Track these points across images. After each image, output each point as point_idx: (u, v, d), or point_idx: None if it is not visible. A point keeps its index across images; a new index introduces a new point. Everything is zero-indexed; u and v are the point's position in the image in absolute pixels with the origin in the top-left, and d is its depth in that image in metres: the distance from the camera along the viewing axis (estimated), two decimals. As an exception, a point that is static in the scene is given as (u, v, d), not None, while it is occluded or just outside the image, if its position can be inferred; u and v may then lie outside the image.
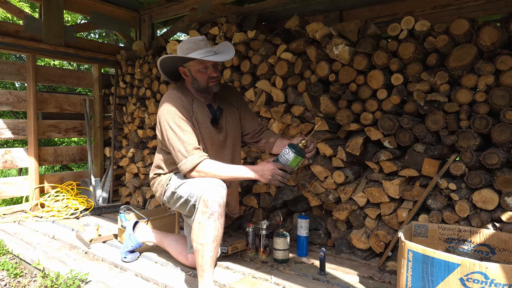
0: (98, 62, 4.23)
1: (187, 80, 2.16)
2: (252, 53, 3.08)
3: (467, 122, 2.14)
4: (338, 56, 2.51)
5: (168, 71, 2.18)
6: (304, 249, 2.51)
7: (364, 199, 2.44)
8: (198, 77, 2.08)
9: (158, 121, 2.08)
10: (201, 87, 2.10)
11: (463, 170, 2.12)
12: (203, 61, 2.04)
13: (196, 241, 1.87)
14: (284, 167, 1.91)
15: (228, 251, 2.48)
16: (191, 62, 2.07)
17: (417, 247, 1.62)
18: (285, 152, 1.92)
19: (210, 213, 1.82)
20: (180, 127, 1.97)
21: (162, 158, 2.18)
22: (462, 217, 2.12)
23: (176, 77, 2.23)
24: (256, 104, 3.01)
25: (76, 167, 6.49)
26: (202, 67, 2.05)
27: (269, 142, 2.30)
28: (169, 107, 2.01)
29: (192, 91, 2.17)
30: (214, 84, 2.10)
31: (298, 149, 1.94)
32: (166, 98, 2.07)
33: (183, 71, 2.14)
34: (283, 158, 1.93)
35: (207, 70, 2.07)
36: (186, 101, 2.08)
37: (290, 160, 1.92)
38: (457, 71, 2.13)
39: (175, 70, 2.17)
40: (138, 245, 2.38)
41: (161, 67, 2.12)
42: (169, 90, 2.16)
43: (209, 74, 2.07)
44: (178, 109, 2.01)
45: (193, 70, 2.08)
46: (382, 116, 2.39)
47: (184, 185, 1.99)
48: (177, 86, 2.19)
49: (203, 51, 2.02)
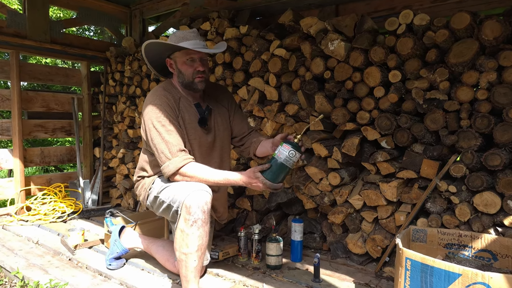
0: (86, 59, 4.14)
1: (174, 75, 2.07)
2: (245, 49, 3.00)
3: (468, 121, 2.07)
4: (334, 52, 2.43)
5: (155, 63, 2.08)
6: (298, 254, 2.44)
7: (360, 202, 2.36)
8: (184, 69, 1.99)
9: (142, 120, 1.99)
10: (186, 81, 2.00)
11: (463, 172, 2.05)
12: (190, 52, 1.95)
13: (179, 250, 1.79)
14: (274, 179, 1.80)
15: (219, 256, 2.41)
16: (178, 53, 1.98)
17: (415, 255, 1.55)
18: (291, 154, 1.77)
19: (193, 220, 1.74)
20: (164, 127, 1.88)
21: (147, 159, 2.09)
22: (463, 221, 2.05)
23: (164, 70, 2.13)
24: (249, 102, 2.93)
25: (68, 168, 6.42)
26: (188, 58, 1.96)
27: (253, 143, 2.19)
28: (153, 105, 1.92)
29: (179, 89, 2.08)
30: (200, 80, 2.00)
31: (295, 144, 1.81)
32: (151, 96, 1.99)
33: (169, 63, 2.05)
34: (290, 161, 1.78)
35: (193, 63, 1.98)
36: (172, 99, 1.99)
37: (295, 161, 1.80)
38: (458, 67, 2.05)
39: (162, 62, 2.07)
40: (124, 251, 2.30)
41: (148, 59, 2.03)
42: (155, 87, 2.07)
43: (195, 68, 1.97)
44: (163, 107, 1.92)
45: (179, 62, 1.99)
46: (379, 115, 2.31)
47: (167, 189, 1.91)
48: (164, 83, 2.10)
49: (191, 42, 1.93)
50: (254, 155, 2.22)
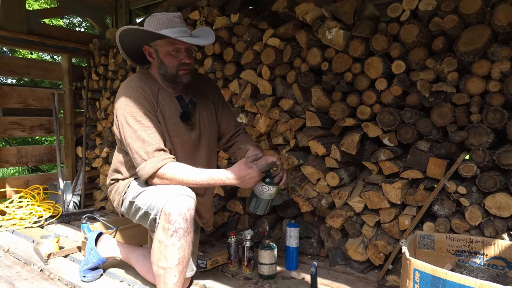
0: (67, 51, 3.99)
1: (154, 64, 1.89)
2: (236, 40, 2.85)
3: (478, 116, 1.94)
4: (332, 41, 2.29)
5: (130, 49, 1.88)
6: (294, 261, 2.30)
7: (361, 204, 2.23)
8: (167, 61, 1.81)
9: (115, 115, 1.81)
10: (168, 73, 1.83)
11: (474, 171, 1.93)
12: (175, 42, 1.76)
13: (156, 264, 1.63)
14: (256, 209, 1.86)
15: (207, 265, 2.27)
16: (160, 41, 1.79)
17: (425, 266, 1.42)
18: (265, 189, 1.79)
19: (174, 230, 1.57)
20: (140, 123, 1.71)
21: (121, 160, 1.92)
22: (473, 226, 1.93)
23: (141, 58, 1.94)
24: (240, 97, 2.79)
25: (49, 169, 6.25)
26: (173, 49, 1.78)
27: (241, 150, 2.03)
28: (127, 98, 1.74)
29: (158, 79, 1.90)
30: (185, 73, 1.83)
31: (268, 175, 1.79)
32: (124, 87, 1.80)
33: (148, 51, 1.85)
34: (265, 195, 1.81)
35: (178, 54, 1.80)
36: (149, 91, 1.81)
37: (274, 193, 1.83)
38: (468, 56, 1.92)
39: (139, 49, 1.87)
40: (101, 261, 2.15)
41: (121, 43, 1.83)
42: (129, 77, 1.88)
43: (180, 59, 1.80)
44: (138, 100, 1.74)
45: (162, 52, 1.80)
46: (382, 110, 2.18)
47: (144, 193, 1.75)
48: (140, 72, 1.92)
49: (177, 30, 1.74)
50: None
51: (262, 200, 1.83)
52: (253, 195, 1.85)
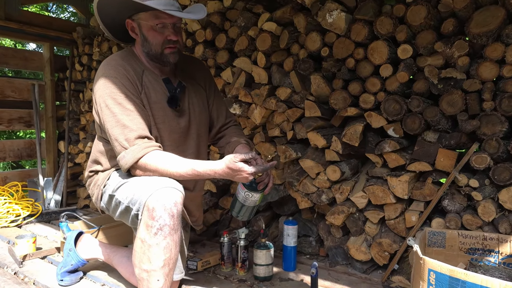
0: (49, 40, 3.84)
1: (137, 41, 1.73)
2: (229, 25, 2.73)
3: (492, 103, 1.85)
4: (333, 25, 2.18)
5: (112, 24, 1.72)
6: (292, 261, 2.19)
7: (364, 199, 2.12)
8: (151, 37, 1.65)
9: (93, 98, 1.65)
10: (152, 52, 1.67)
11: (487, 163, 1.83)
12: (161, 15, 1.60)
13: (138, 266, 1.48)
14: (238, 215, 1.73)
15: (198, 267, 2.14)
16: (144, 14, 1.63)
17: (441, 266, 1.31)
18: (248, 196, 1.65)
19: (158, 228, 1.42)
20: (121, 105, 1.55)
21: (102, 149, 1.77)
22: (487, 221, 1.83)
23: (125, 35, 1.77)
24: (234, 86, 2.66)
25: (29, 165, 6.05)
26: (158, 23, 1.61)
27: (230, 145, 1.89)
28: (107, 78, 1.58)
29: (143, 59, 1.74)
30: (171, 52, 1.67)
31: (251, 182, 1.65)
32: (104, 67, 1.64)
33: (131, 26, 1.69)
34: (248, 201, 1.68)
35: (164, 30, 1.63)
36: (132, 71, 1.65)
37: (258, 199, 1.69)
38: (481, 38, 1.82)
39: (121, 24, 1.71)
40: (80, 263, 2.00)
41: (102, 17, 1.66)
42: (110, 56, 1.72)
43: (166, 36, 1.64)
44: (120, 80, 1.58)
45: (145, 26, 1.64)
46: (387, 98, 2.07)
47: (125, 186, 1.59)
48: (122, 50, 1.76)
49: (163, 2, 1.57)
50: None
51: (245, 207, 1.69)
52: (235, 200, 1.72)
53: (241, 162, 1.47)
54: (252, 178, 1.53)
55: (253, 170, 1.48)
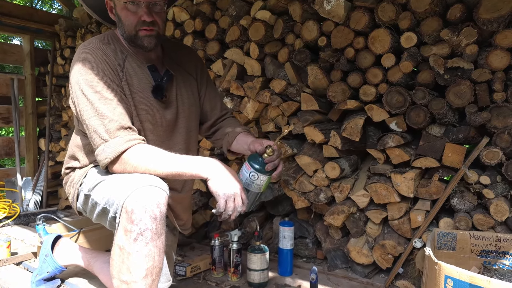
0: (30, 32, 3.64)
1: (118, 25, 1.54)
2: (220, 15, 2.56)
3: (503, 94, 1.73)
4: (330, 13, 2.03)
5: (96, 6, 1.58)
6: (288, 265, 2.03)
7: (366, 198, 1.97)
8: (124, 17, 1.46)
9: (70, 85, 1.46)
10: (126, 34, 1.48)
11: (499, 158, 1.69)
12: None
13: (117, 277, 1.28)
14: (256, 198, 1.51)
15: (187, 272, 1.97)
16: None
17: (460, 273, 1.16)
18: (253, 177, 1.45)
19: (138, 233, 1.22)
20: (99, 93, 1.37)
21: (79, 143, 1.58)
22: (500, 221, 1.70)
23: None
24: (225, 79, 2.50)
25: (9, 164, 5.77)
26: (128, 0, 1.43)
27: (227, 135, 1.71)
28: (84, 63, 1.40)
29: (125, 44, 1.55)
30: (146, 35, 1.47)
31: (260, 163, 1.46)
32: (82, 50, 1.45)
33: (110, 6, 1.53)
34: (253, 185, 1.47)
35: (138, 9, 1.44)
36: (113, 55, 1.47)
37: (264, 185, 1.48)
38: (492, 24, 1.69)
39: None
40: (58, 270, 1.81)
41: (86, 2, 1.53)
42: (89, 39, 1.53)
43: (139, 16, 1.45)
44: (97, 65, 1.40)
45: (118, 5, 1.46)
46: (389, 90, 1.93)
47: (102, 185, 1.40)
48: (103, 33, 1.58)
49: None
50: (229, 151, 1.73)
51: (248, 192, 1.48)
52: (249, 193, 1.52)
53: None
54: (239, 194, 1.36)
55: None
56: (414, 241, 1.83)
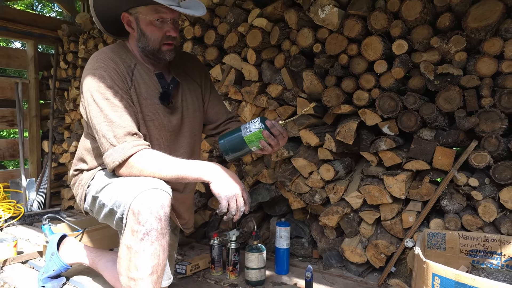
0: (33, 37, 3.65)
1: (132, 35, 1.58)
2: (219, 21, 2.58)
3: (490, 100, 1.74)
4: (325, 20, 2.05)
5: (106, 18, 1.57)
6: (285, 264, 2.05)
7: (359, 199, 1.99)
8: (149, 32, 1.51)
9: (81, 92, 1.51)
10: (149, 48, 1.53)
11: (487, 161, 1.72)
12: (161, 10, 1.47)
13: (124, 274, 1.33)
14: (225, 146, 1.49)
15: (187, 271, 1.99)
16: (143, 8, 1.49)
17: (447, 271, 1.18)
18: (252, 121, 1.47)
19: (144, 233, 1.27)
20: (109, 101, 1.42)
21: (88, 147, 1.62)
22: (488, 222, 1.72)
23: (117, 28, 1.63)
24: (223, 83, 2.52)
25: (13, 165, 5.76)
26: (157, 17, 1.48)
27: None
28: (95, 72, 1.45)
29: (136, 53, 1.60)
30: (169, 49, 1.54)
31: (263, 118, 1.48)
32: (94, 60, 1.50)
33: (127, 20, 1.54)
34: (245, 128, 1.47)
35: (163, 25, 1.50)
36: (123, 65, 1.51)
37: (251, 133, 1.45)
38: (480, 33, 1.71)
39: (117, 17, 1.56)
40: (63, 268, 1.83)
41: (96, 10, 1.52)
42: (101, 49, 1.57)
43: (165, 31, 1.50)
44: (108, 75, 1.45)
45: (143, 21, 1.50)
46: (381, 95, 1.95)
47: (109, 187, 1.44)
48: (114, 44, 1.62)
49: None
50: None
51: (237, 131, 1.48)
52: (235, 130, 1.53)
53: None
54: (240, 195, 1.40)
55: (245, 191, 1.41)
56: (406, 241, 1.86)
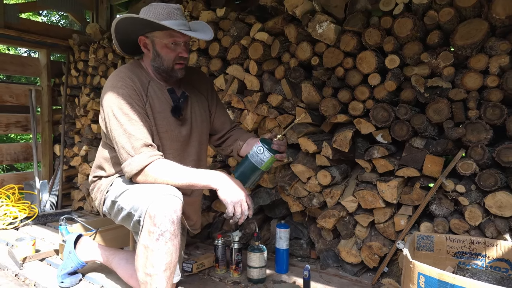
0: (46, 47, 3.72)
1: (147, 56, 1.72)
2: (222, 34, 2.66)
3: (476, 112, 1.81)
4: (322, 35, 2.13)
5: (123, 39, 1.71)
6: (284, 264, 2.13)
7: (354, 204, 2.07)
8: (164, 54, 1.65)
9: (101, 108, 1.65)
10: (163, 67, 1.67)
11: (473, 169, 1.79)
12: (175, 34, 1.61)
13: (142, 270, 1.45)
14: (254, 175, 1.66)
15: (193, 269, 2.07)
16: (158, 32, 1.63)
17: (431, 270, 1.26)
18: (259, 151, 1.63)
19: (159, 234, 1.40)
20: (127, 116, 1.55)
21: (106, 155, 1.74)
22: (473, 226, 1.79)
23: (132, 49, 1.77)
24: (227, 93, 2.60)
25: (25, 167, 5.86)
26: (171, 41, 1.62)
27: (238, 141, 1.90)
28: (115, 89, 1.58)
29: (149, 71, 1.73)
30: (180, 68, 1.68)
31: (268, 142, 1.66)
32: (113, 78, 1.63)
33: (144, 42, 1.68)
34: (256, 158, 1.63)
35: (176, 47, 1.64)
36: (139, 82, 1.65)
37: (265, 162, 1.64)
38: (466, 50, 1.79)
39: (133, 40, 1.70)
40: (80, 265, 1.93)
41: (115, 33, 1.66)
42: (119, 68, 1.71)
43: (178, 53, 1.65)
44: (127, 92, 1.58)
45: (159, 44, 1.64)
46: (375, 106, 2.03)
47: (128, 193, 1.57)
48: (130, 63, 1.75)
49: (177, 23, 1.59)
50: (238, 155, 1.93)
51: (250, 164, 1.64)
52: (244, 159, 1.69)
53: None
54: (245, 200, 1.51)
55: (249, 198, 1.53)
56: (397, 242, 1.92)
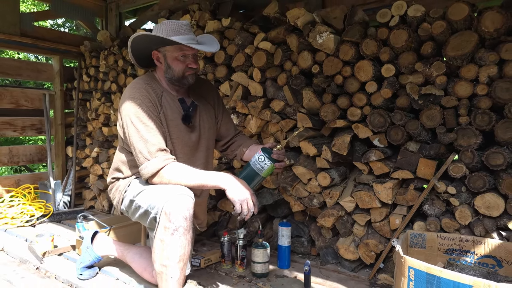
0: (59, 53, 3.80)
1: (160, 68, 1.83)
2: (227, 43, 2.74)
3: (467, 118, 1.88)
4: (322, 45, 2.21)
5: (138, 54, 1.83)
6: (286, 260, 2.20)
7: (352, 204, 2.15)
8: (174, 65, 1.76)
9: (119, 116, 1.77)
10: (175, 77, 1.78)
11: (463, 172, 1.86)
12: (184, 48, 1.73)
13: (158, 262, 1.58)
14: (255, 180, 1.76)
15: (201, 264, 2.15)
16: (169, 47, 1.75)
17: (419, 264, 1.34)
18: (260, 159, 1.73)
19: (174, 229, 1.53)
20: (144, 123, 1.66)
21: (124, 159, 1.85)
22: (463, 225, 1.86)
23: (146, 62, 1.89)
24: (232, 98, 2.68)
25: (40, 168, 5.96)
26: (181, 54, 1.74)
27: (241, 146, 2.02)
28: (132, 99, 1.70)
29: (163, 82, 1.84)
30: (191, 73, 1.80)
31: (268, 151, 1.76)
32: (130, 89, 1.75)
33: (156, 56, 1.80)
34: (257, 165, 1.73)
35: (185, 59, 1.76)
36: (154, 93, 1.76)
37: (266, 170, 1.74)
38: (457, 60, 1.86)
39: (147, 54, 1.83)
40: (97, 259, 2.02)
41: (131, 48, 1.78)
42: (135, 80, 1.82)
43: (187, 64, 1.76)
44: (143, 102, 1.70)
45: (170, 57, 1.76)
46: (372, 112, 2.10)
47: (144, 192, 1.68)
48: (145, 75, 1.87)
49: (186, 38, 1.71)
50: (241, 160, 2.04)
51: (251, 171, 1.75)
52: (246, 166, 1.80)
53: None
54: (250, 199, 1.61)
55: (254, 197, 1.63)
56: (392, 240, 1.98)
